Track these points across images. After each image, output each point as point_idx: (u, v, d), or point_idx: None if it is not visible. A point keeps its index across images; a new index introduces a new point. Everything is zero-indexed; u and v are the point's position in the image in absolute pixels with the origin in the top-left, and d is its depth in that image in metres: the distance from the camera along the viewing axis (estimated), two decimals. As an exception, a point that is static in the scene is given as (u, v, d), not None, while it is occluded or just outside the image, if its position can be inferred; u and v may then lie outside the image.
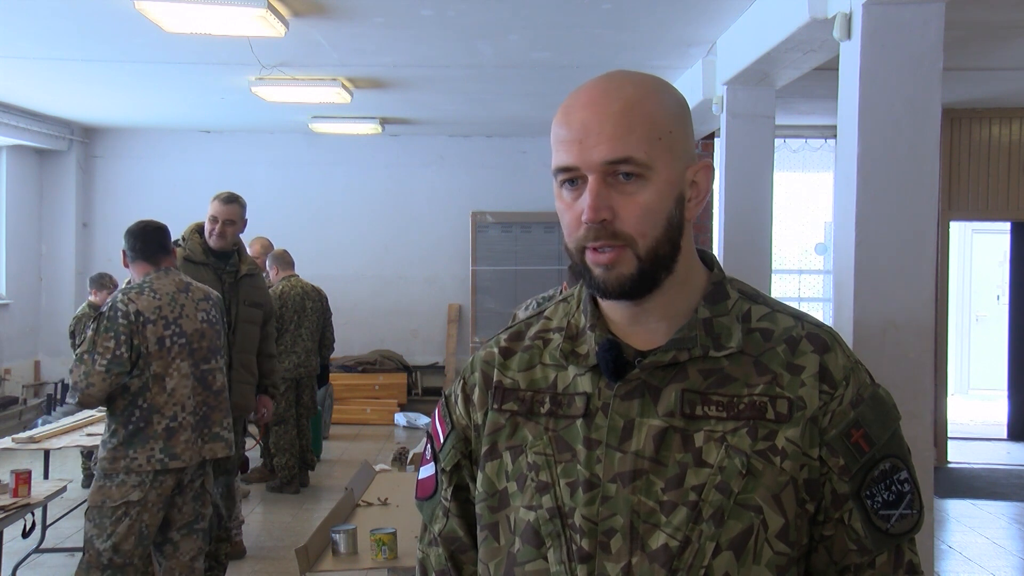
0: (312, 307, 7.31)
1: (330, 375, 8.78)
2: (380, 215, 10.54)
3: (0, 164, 9.56)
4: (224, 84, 7.49)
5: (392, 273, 10.59)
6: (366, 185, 10.54)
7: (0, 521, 3.91)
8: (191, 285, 3.88)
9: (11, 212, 9.64)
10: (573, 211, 1.16)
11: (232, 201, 4.81)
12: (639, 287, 1.17)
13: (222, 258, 4.81)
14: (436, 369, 10.55)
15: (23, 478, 4.10)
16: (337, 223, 10.49)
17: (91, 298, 7.24)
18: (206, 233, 4.80)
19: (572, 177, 1.16)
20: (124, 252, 3.87)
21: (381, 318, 10.55)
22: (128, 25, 5.48)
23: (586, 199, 1.14)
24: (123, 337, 3.58)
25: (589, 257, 1.16)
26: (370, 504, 4.01)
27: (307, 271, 8.15)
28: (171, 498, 3.74)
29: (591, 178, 1.14)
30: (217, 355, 3.89)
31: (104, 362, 3.54)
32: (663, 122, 1.16)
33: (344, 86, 7.16)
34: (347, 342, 9.91)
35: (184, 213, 9.94)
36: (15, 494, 4.06)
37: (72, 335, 7.05)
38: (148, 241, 3.84)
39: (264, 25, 5.00)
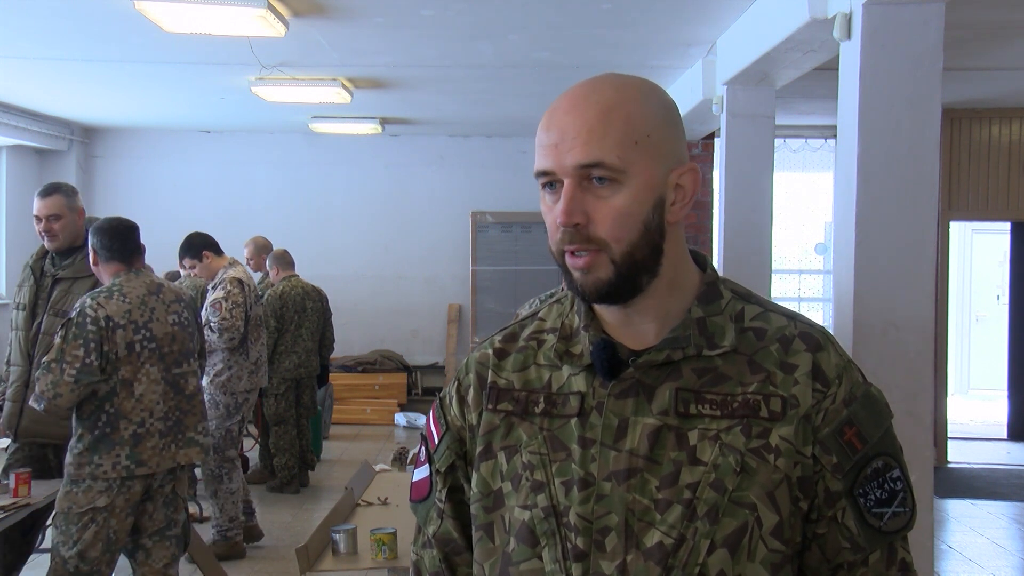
0: (312, 307, 7.31)
1: (330, 375, 8.78)
2: (380, 215, 10.54)
3: (0, 164, 9.56)
4: (224, 84, 7.49)
5: (392, 273, 10.59)
6: (366, 185, 10.54)
7: (0, 521, 3.90)
8: (163, 287, 3.76)
9: (11, 212, 9.64)
10: (553, 214, 1.17)
11: (51, 192, 4.11)
12: (617, 291, 1.17)
13: (64, 256, 4.13)
14: (436, 369, 10.55)
15: (23, 478, 4.09)
16: (337, 223, 10.50)
17: None
18: (37, 235, 4.16)
19: (550, 181, 1.18)
20: (95, 250, 3.68)
21: (381, 318, 10.56)
22: (128, 25, 5.48)
23: (560, 204, 1.16)
24: (92, 345, 3.45)
25: (568, 260, 1.18)
26: (370, 504, 4.01)
27: (307, 271, 8.14)
28: (141, 504, 3.65)
29: (566, 182, 1.15)
30: (190, 358, 3.78)
31: (73, 371, 3.42)
32: (641, 125, 1.16)
33: (344, 86, 7.16)
34: (347, 342, 9.91)
35: (184, 213, 10.03)
36: (15, 494, 4.05)
37: None
38: (124, 240, 3.70)
39: (264, 25, 5.00)
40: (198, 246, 5.80)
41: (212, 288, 5.69)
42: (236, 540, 5.61)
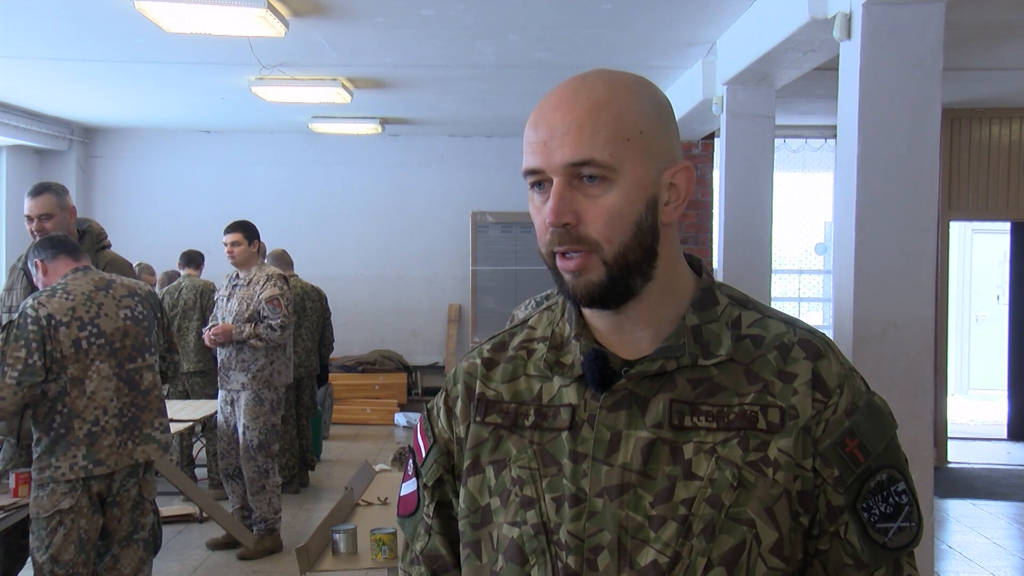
0: (312, 307, 7.32)
1: (330, 375, 8.79)
2: (380, 215, 10.54)
3: (0, 164, 9.56)
4: (224, 84, 7.49)
5: (392, 273, 10.60)
6: (366, 185, 10.54)
7: (0, 521, 3.90)
8: (114, 282, 3.68)
9: (11, 212, 9.63)
10: (542, 215, 1.12)
11: (42, 192, 4.09)
12: (610, 294, 1.12)
13: None
14: (436, 369, 10.55)
15: (23, 478, 4.08)
16: (337, 223, 10.50)
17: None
18: (29, 235, 4.15)
19: (539, 180, 1.13)
20: (38, 264, 3.64)
21: (381, 318, 10.56)
22: (128, 25, 5.48)
23: (549, 203, 1.11)
24: (34, 345, 3.40)
25: (559, 263, 1.13)
26: (370, 504, 4.02)
27: (307, 271, 8.15)
28: (108, 510, 3.61)
29: (555, 181, 1.10)
30: (145, 353, 3.68)
31: (15, 373, 3.36)
32: (633, 122, 1.11)
33: (344, 86, 7.16)
34: (347, 342, 9.92)
35: (184, 213, 10.05)
36: (15, 494, 4.05)
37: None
38: (63, 240, 3.68)
39: (264, 25, 5.00)
40: (257, 233, 5.79)
41: (247, 284, 5.67)
42: (279, 532, 5.72)
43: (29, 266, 3.75)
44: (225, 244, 5.72)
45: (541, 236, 1.14)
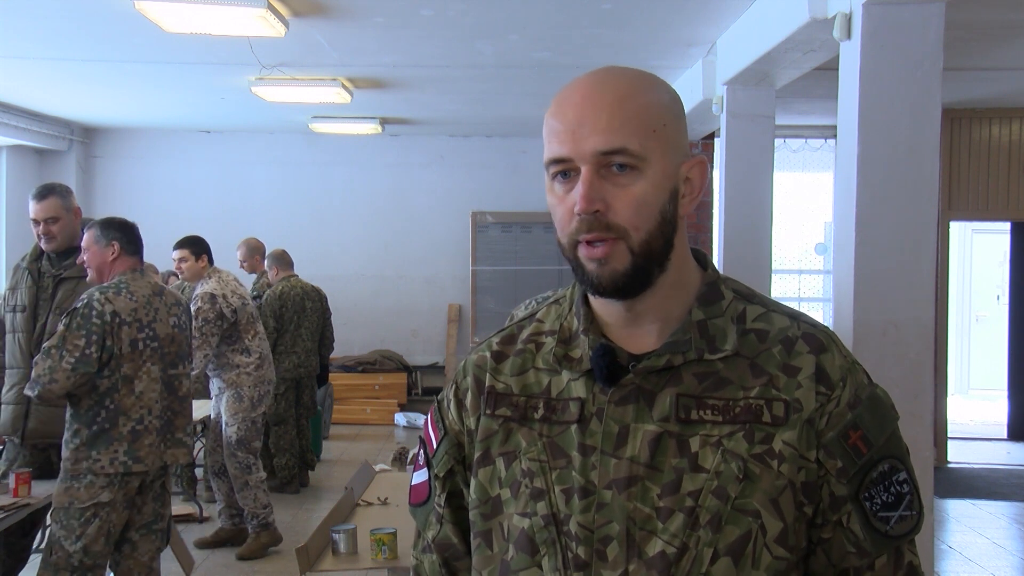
0: (312, 307, 7.31)
1: (330, 375, 8.78)
2: (380, 215, 10.54)
3: (0, 164, 9.56)
4: (224, 84, 7.49)
5: (392, 273, 10.60)
6: (366, 185, 10.54)
7: (0, 521, 3.90)
8: (164, 290, 3.88)
9: (11, 212, 9.63)
10: (565, 204, 1.14)
11: (47, 195, 4.12)
12: (633, 283, 1.14)
13: (63, 257, 4.16)
14: (436, 369, 10.56)
15: (23, 478, 4.09)
16: (337, 223, 10.50)
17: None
18: (35, 237, 4.19)
19: (565, 169, 1.14)
20: (115, 243, 3.75)
21: (381, 318, 10.56)
22: (128, 25, 5.48)
23: (579, 190, 1.12)
24: (95, 337, 3.52)
25: (582, 252, 1.14)
26: (370, 504, 4.01)
27: (307, 271, 8.14)
28: (131, 498, 3.72)
29: (584, 169, 1.12)
30: (184, 361, 3.88)
31: (71, 360, 3.48)
32: (657, 115, 1.14)
33: (344, 86, 7.16)
34: (347, 342, 9.91)
35: (184, 213, 10.04)
36: (15, 494, 4.05)
37: None
38: (139, 240, 3.85)
39: (264, 25, 5.00)
40: (205, 247, 5.79)
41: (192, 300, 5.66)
42: (274, 526, 5.71)
43: (106, 238, 3.78)
44: (173, 260, 5.78)
45: (564, 225, 1.15)
